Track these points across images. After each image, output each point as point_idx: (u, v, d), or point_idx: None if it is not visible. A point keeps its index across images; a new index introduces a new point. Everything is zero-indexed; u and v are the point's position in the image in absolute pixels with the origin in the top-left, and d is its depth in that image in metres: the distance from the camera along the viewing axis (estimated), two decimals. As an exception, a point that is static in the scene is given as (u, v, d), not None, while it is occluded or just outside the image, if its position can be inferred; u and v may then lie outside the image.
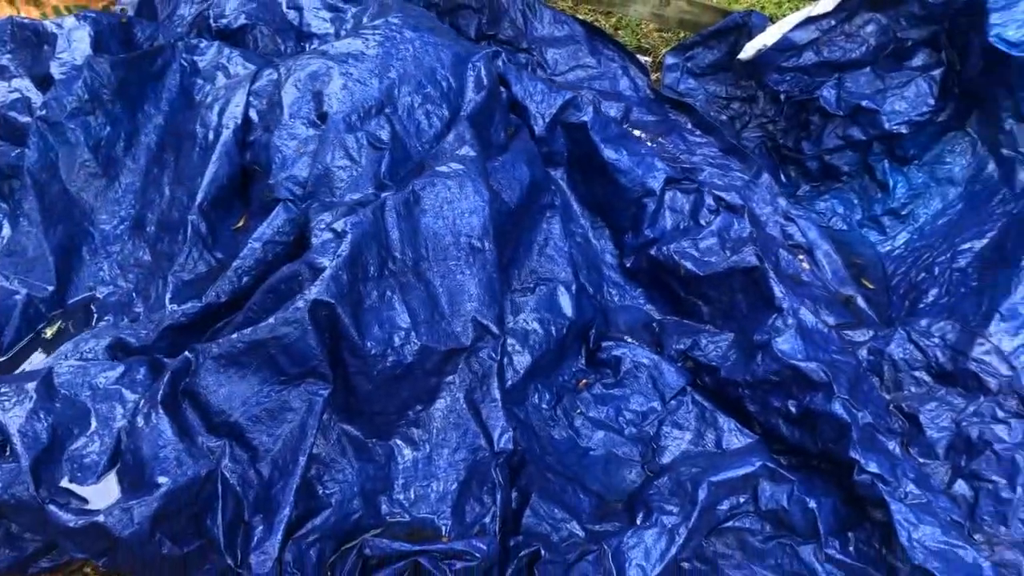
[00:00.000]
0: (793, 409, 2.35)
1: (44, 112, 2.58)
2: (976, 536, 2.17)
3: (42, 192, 2.54)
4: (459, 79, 2.59)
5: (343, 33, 2.81)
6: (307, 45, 3.00)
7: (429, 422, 2.23)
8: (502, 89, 2.75)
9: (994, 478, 2.20)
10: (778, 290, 2.51)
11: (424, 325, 2.19)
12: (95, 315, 2.48)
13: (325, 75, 2.51)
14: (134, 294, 2.51)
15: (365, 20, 2.74)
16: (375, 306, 2.16)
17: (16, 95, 2.72)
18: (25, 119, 2.67)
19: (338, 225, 2.17)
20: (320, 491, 2.08)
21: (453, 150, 2.40)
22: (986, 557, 2.09)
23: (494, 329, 2.25)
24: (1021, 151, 2.80)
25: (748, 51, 3.15)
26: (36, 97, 2.70)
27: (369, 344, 2.10)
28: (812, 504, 2.22)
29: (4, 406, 2.01)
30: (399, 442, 2.21)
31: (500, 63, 2.81)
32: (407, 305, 2.19)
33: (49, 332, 2.43)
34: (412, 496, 2.17)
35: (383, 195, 2.28)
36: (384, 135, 2.43)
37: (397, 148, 2.43)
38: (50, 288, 2.45)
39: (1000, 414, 2.25)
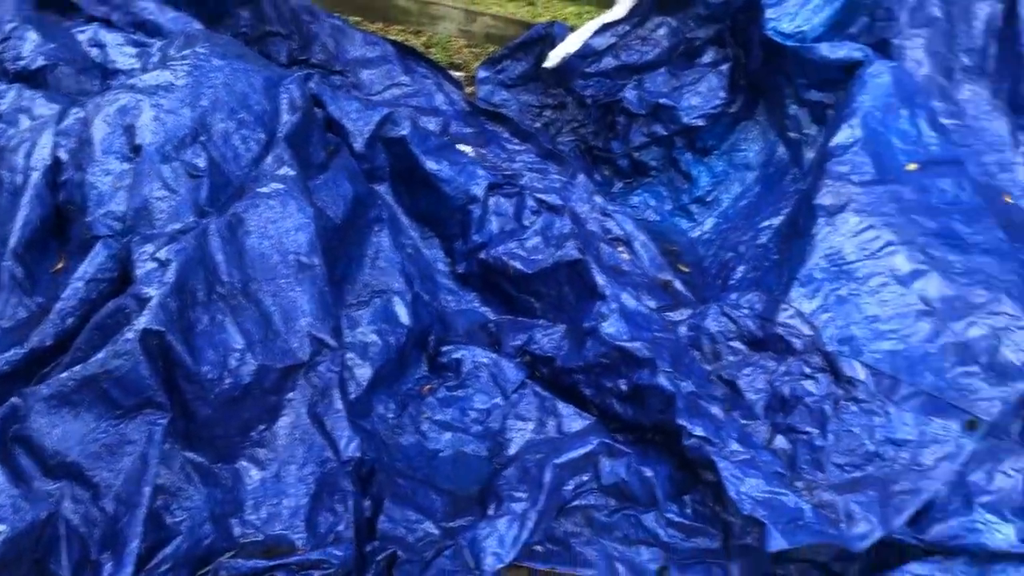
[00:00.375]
0: (624, 387, 2.49)
1: None
2: (797, 483, 2.36)
3: None
4: (272, 102, 2.63)
5: (150, 67, 2.79)
6: (113, 82, 2.95)
7: (274, 440, 2.24)
8: (317, 109, 2.80)
9: (807, 429, 2.40)
10: (600, 279, 2.66)
11: (259, 344, 2.21)
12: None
13: (135, 108, 2.49)
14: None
15: (172, 52, 2.73)
16: (207, 330, 2.16)
17: None
18: None
19: (161, 254, 2.17)
20: (169, 520, 2.05)
21: (272, 171, 2.43)
22: (807, 500, 2.28)
23: (331, 342, 2.29)
24: (805, 132, 3.08)
25: (552, 60, 3.32)
26: None
27: (204, 369, 2.11)
28: (648, 473, 2.37)
29: None
30: (245, 463, 2.22)
31: (313, 84, 2.86)
32: (240, 326, 2.21)
33: None
34: (264, 515, 2.17)
35: (205, 221, 2.28)
36: (200, 163, 2.43)
37: (215, 174, 2.44)
38: None
39: (807, 370, 2.46)
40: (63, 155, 2.50)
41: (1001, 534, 2.15)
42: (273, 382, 2.22)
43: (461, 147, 3.14)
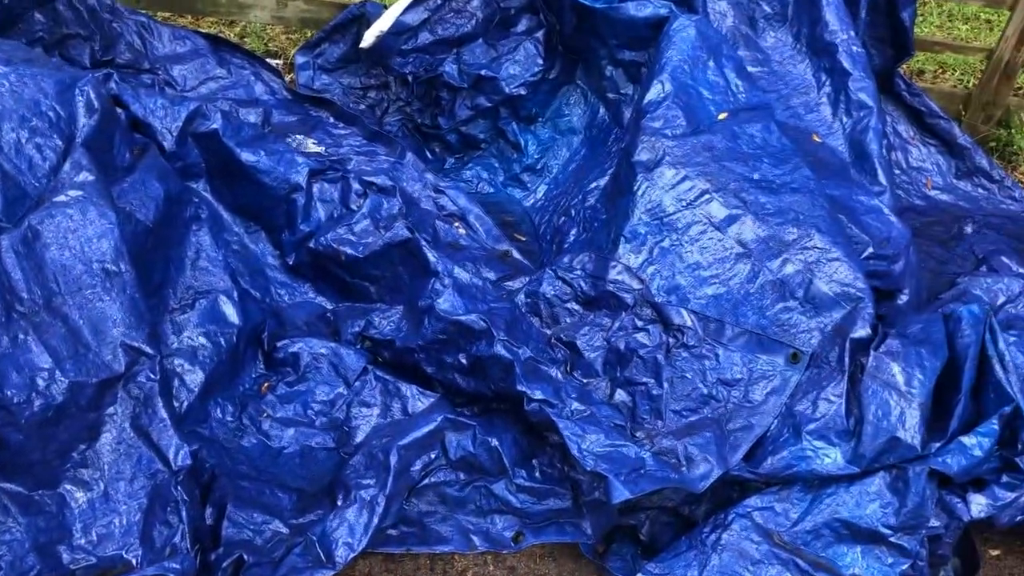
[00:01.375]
0: (464, 361, 2.49)
1: None
2: (638, 434, 2.41)
3: None
4: (67, 107, 2.48)
5: (-72, 79, 2.60)
6: None
7: (98, 459, 2.13)
8: (120, 110, 2.66)
9: (644, 380, 2.45)
10: (432, 256, 2.64)
11: (69, 360, 2.09)
12: None
13: (-90, 124, 2.32)
14: None
15: (-50, 62, 2.55)
16: (9, 352, 2.03)
17: None
18: None
19: (-52, 276, 2.03)
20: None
21: (71, 178, 2.30)
22: (648, 449, 2.33)
23: (147, 349, 2.19)
24: (622, 92, 3.13)
25: (368, 39, 3.26)
26: None
27: (9, 393, 1.99)
28: (494, 442, 2.37)
29: None
30: (69, 487, 2.11)
31: (113, 84, 2.72)
32: (46, 344, 2.09)
33: None
34: (94, 537, 2.07)
35: (-2, 237, 2.15)
36: (-9, 176, 2.29)
37: (9, 188, 2.30)
38: None
39: (639, 323, 2.51)
40: None
41: (829, 458, 2.24)
42: (89, 398, 2.12)
43: (289, 138, 3.06)
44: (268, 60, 3.50)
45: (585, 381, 2.51)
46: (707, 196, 2.54)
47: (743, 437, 2.34)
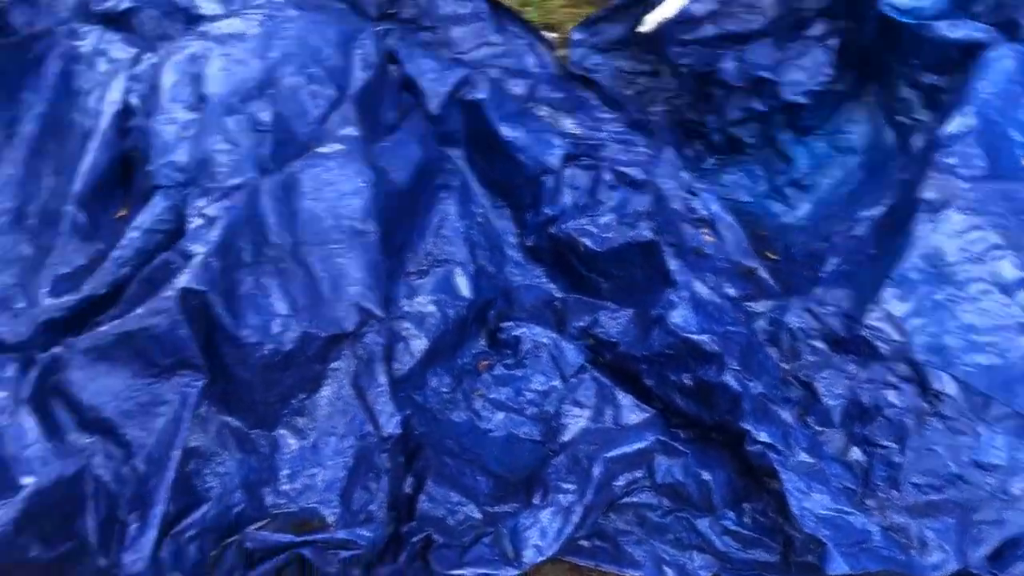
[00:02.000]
0: (688, 382, 2.34)
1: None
2: (868, 501, 2.18)
3: None
4: (345, 58, 2.53)
5: (228, 14, 2.72)
6: (196, 27, 2.91)
7: (314, 410, 2.18)
8: (393, 67, 2.69)
9: (885, 443, 2.21)
10: (673, 264, 2.49)
11: (304, 311, 2.14)
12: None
13: (204, 57, 2.44)
14: (15, 289, 2.40)
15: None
16: (251, 293, 2.10)
17: None
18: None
19: (210, 211, 2.11)
20: (199, 485, 2.02)
21: (336, 130, 2.34)
22: (876, 522, 2.10)
23: (378, 312, 2.20)
24: (915, 118, 2.81)
25: (648, 24, 3.12)
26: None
27: (245, 332, 2.05)
28: (706, 476, 2.22)
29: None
30: (283, 431, 2.16)
31: (391, 41, 2.75)
32: (285, 291, 2.14)
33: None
34: (298, 486, 2.12)
35: (261, 179, 2.21)
36: (266, 117, 2.37)
37: (280, 130, 2.37)
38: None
39: (891, 379, 2.26)
40: (134, 100, 2.48)
41: (1095, 582, 1.93)
42: (317, 351, 2.15)
43: (545, 111, 3.00)
44: (544, 33, 3.44)
45: (818, 430, 2.29)
46: (998, 252, 2.24)
47: (991, 532, 2.06)
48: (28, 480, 1.82)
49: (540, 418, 2.46)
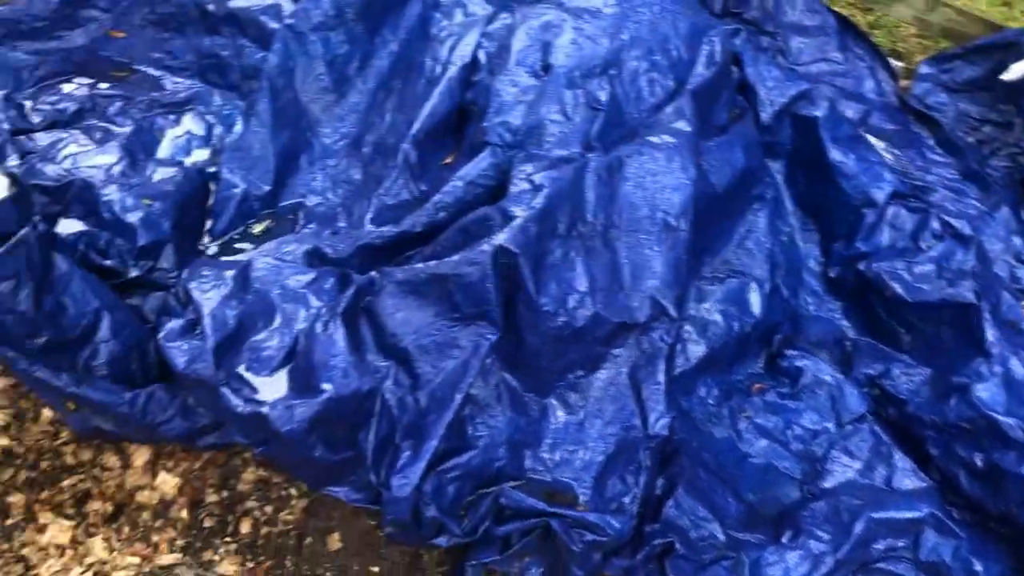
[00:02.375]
0: (979, 463, 2.16)
1: (292, 21, 2.72)
2: None
3: (276, 97, 2.67)
4: (691, 51, 2.51)
5: (588, -14, 2.77)
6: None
7: (588, 389, 2.20)
8: (734, 69, 2.64)
9: None
10: (991, 334, 2.30)
11: (601, 293, 2.16)
12: (300, 221, 2.59)
13: (557, 27, 2.50)
14: (339, 209, 2.60)
15: (611, -24, 2.69)
16: (556, 264, 2.14)
17: (271, 1, 2.87)
18: (274, 25, 2.80)
19: (537, 177, 2.17)
20: (470, 431, 2.10)
21: (668, 122, 2.33)
22: None
23: (672, 311, 2.18)
24: None
25: (1014, 72, 2.87)
26: (288, 6, 2.84)
27: (543, 300, 2.09)
28: (978, 567, 2.05)
29: (202, 288, 2.16)
30: (555, 402, 2.20)
31: (737, 41, 2.70)
32: (588, 269, 2.16)
33: (257, 228, 2.57)
34: (557, 458, 2.15)
35: (588, 156, 2.25)
36: (603, 96, 2.39)
37: (613, 111, 2.39)
38: (266, 188, 2.59)
39: None
40: (481, 56, 2.58)
41: None
42: (604, 334, 2.17)
43: (873, 140, 2.84)
44: (889, 60, 3.26)
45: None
46: None
47: None
48: (327, 387, 1.96)
49: (805, 456, 2.36)
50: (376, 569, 2.13)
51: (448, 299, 2.09)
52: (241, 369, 2.05)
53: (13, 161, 2.38)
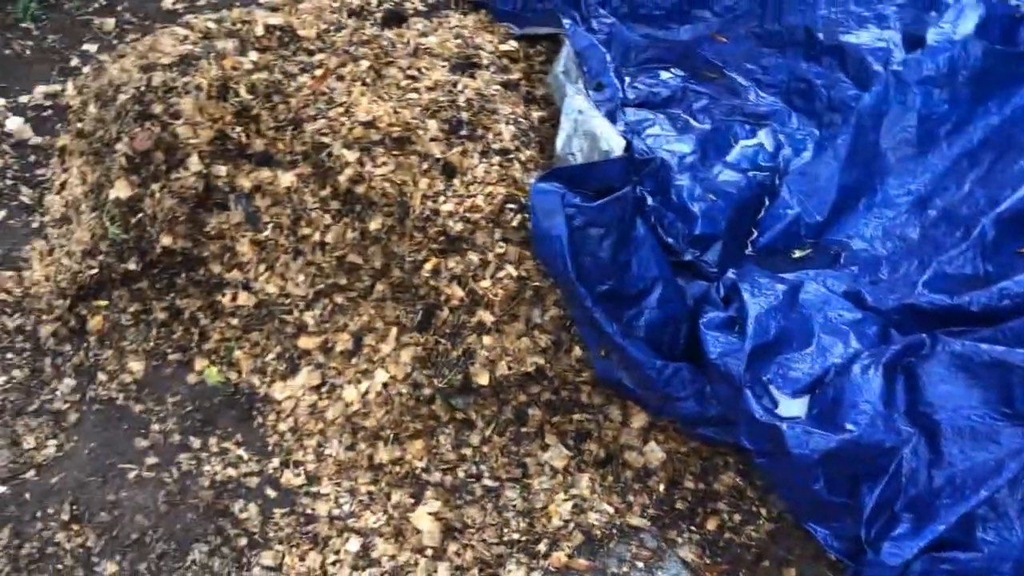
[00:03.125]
0: None
1: (899, 68, 2.70)
2: None
3: (858, 136, 2.68)
4: None
5: None
6: None
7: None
8: None
9: None
10: None
11: None
12: (840, 260, 2.57)
13: None
14: (884, 260, 2.52)
15: None
16: None
17: (882, 44, 2.87)
18: (878, 68, 2.81)
19: None
20: (979, 533, 1.94)
21: None
22: None
23: None
24: None
25: None
26: (899, 53, 2.82)
27: None
28: None
29: (752, 293, 2.23)
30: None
31: None
32: None
33: (797, 253, 2.59)
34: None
35: None
36: None
37: None
38: (819, 218, 2.60)
39: None
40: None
41: None
42: None
43: None
44: None
45: None
46: None
47: None
48: (852, 428, 1.95)
49: None
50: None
51: (1004, 390, 1.95)
52: (767, 379, 2.09)
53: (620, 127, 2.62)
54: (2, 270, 2.65)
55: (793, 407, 2.05)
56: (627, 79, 3.04)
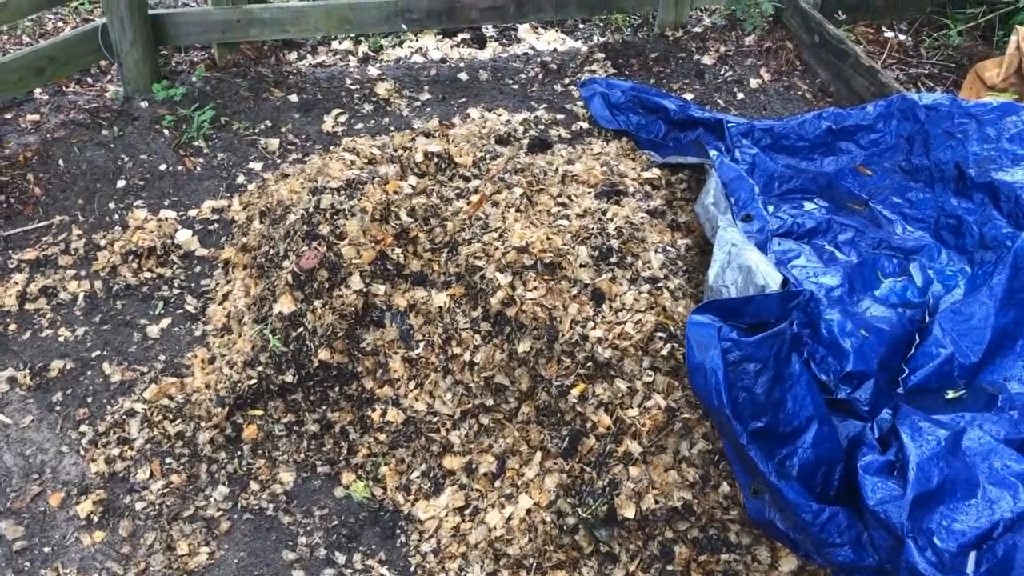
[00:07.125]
0: None
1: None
2: None
3: (1015, 275, 2.61)
4: None
5: None
6: None
7: None
8: None
9: None
10: None
11: None
12: (998, 403, 2.48)
13: None
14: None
15: None
16: None
17: None
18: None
19: None
20: None
21: None
22: None
23: None
24: None
25: None
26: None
27: None
28: None
29: (914, 436, 2.17)
30: None
31: None
32: None
33: (951, 394, 2.52)
34: None
35: None
36: None
37: None
38: (973, 359, 2.52)
39: None
40: None
41: None
42: None
43: None
44: None
45: None
46: None
47: None
48: None
49: None
50: None
51: None
52: (929, 529, 2.01)
53: (771, 256, 2.63)
54: (166, 376, 2.78)
55: (958, 563, 1.96)
56: (770, 207, 3.06)
